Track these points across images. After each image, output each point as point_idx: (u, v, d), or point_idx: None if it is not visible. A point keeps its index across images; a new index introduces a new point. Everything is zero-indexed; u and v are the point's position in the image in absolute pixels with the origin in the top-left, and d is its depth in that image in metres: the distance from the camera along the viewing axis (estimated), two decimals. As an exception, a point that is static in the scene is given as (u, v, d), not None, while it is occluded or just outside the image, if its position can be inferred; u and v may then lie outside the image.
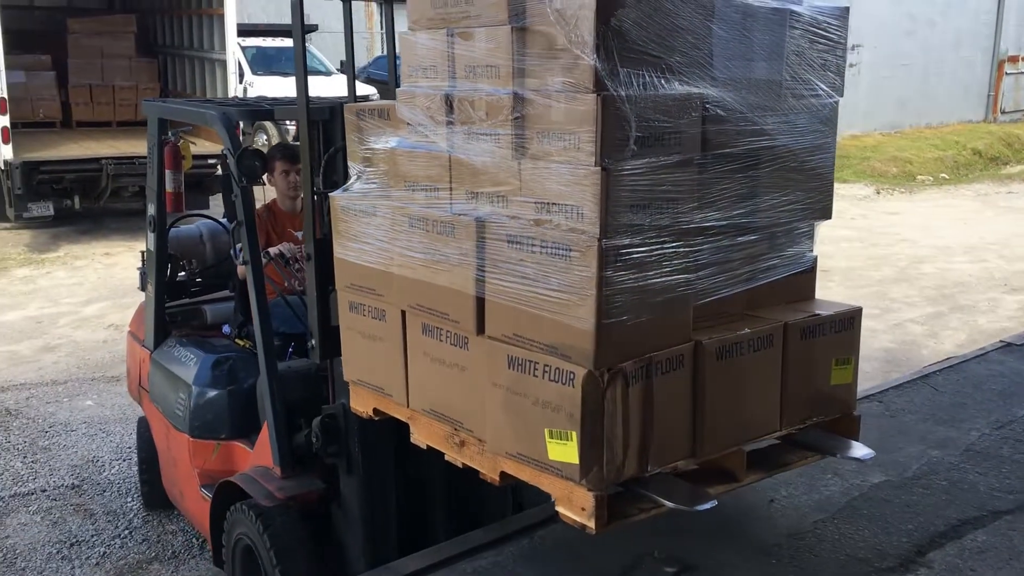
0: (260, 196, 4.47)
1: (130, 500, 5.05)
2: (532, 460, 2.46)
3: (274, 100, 4.38)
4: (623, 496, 2.47)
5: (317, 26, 14.39)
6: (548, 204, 2.37)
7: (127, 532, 4.75)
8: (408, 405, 2.90)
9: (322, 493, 3.58)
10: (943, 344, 7.57)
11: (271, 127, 14.83)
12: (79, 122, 12.69)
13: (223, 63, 11.49)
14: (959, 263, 10.25)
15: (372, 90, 11.61)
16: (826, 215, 2.92)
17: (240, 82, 12.58)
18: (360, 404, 3.15)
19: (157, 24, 13.65)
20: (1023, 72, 22.30)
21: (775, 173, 2.72)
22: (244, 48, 12.71)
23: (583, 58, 2.26)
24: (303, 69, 3.25)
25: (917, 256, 10.54)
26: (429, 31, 2.68)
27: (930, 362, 6.17)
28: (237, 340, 4.24)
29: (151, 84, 12.94)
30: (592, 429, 2.30)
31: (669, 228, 2.42)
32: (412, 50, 2.74)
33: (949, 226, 12.20)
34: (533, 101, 2.40)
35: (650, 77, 2.34)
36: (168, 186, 4.28)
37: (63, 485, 5.20)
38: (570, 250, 2.31)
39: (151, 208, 4.41)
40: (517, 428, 2.48)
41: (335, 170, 3.35)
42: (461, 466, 2.75)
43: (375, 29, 18.70)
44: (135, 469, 5.29)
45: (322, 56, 16.02)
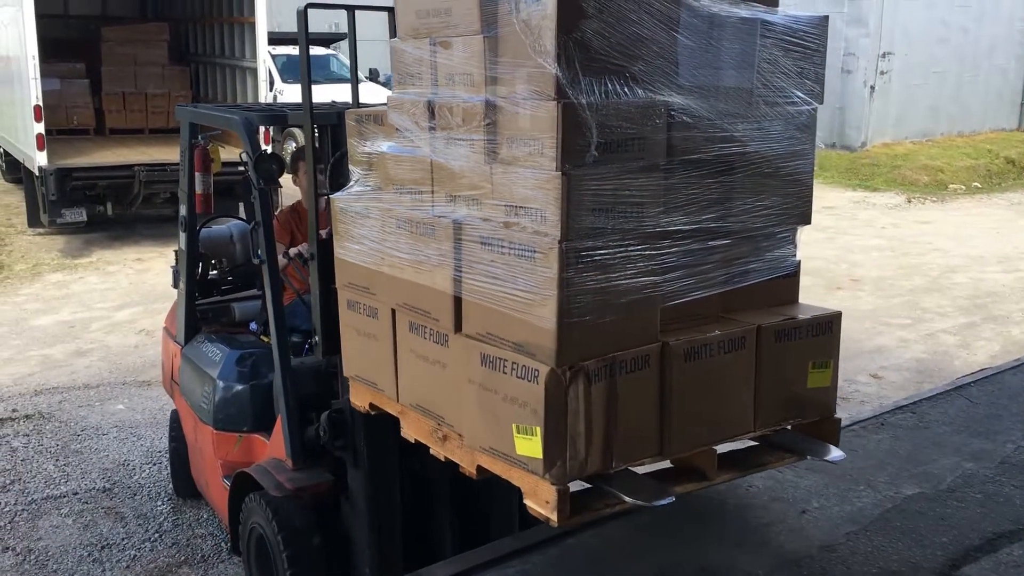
0: (295, 197, 4.53)
1: (160, 504, 5.09)
2: (503, 454, 2.53)
3: (296, 106, 4.48)
4: (588, 491, 2.53)
5: (345, 35, 14.49)
6: (516, 207, 2.47)
7: (157, 535, 4.79)
8: (398, 400, 3.00)
9: (331, 485, 3.69)
10: (976, 355, 7.47)
11: (299, 132, 14.94)
12: (112, 129, 12.86)
13: (254, 71, 11.59)
14: (992, 273, 10.12)
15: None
16: (805, 220, 2.94)
17: (270, 90, 12.69)
18: (358, 399, 3.25)
19: (189, 32, 13.81)
20: (1058, 80, 21.98)
21: (749, 179, 2.75)
22: (274, 56, 12.83)
23: (545, 67, 2.34)
24: (307, 76, 3.42)
25: (949, 265, 10.42)
26: (414, 40, 2.79)
27: (963, 373, 6.09)
28: (263, 337, 4.34)
29: (183, 91, 13.09)
30: (555, 425, 2.38)
31: (634, 232, 2.49)
32: (400, 58, 2.86)
33: (981, 235, 12.05)
34: (503, 108, 2.50)
35: (613, 85, 2.40)
36: (198, 188, 4.39)
37: (94, 488, 5.25)
38: (534, 252, 2.40)
39: (183, 209, 4.55)
40: (489, 423, 2.56)
41: (341, 173, 3.45)
42: (443, 460, 2.84)
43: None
44: (165, 473, 5.36)
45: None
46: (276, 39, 12.16)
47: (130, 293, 9.05)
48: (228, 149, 10.10)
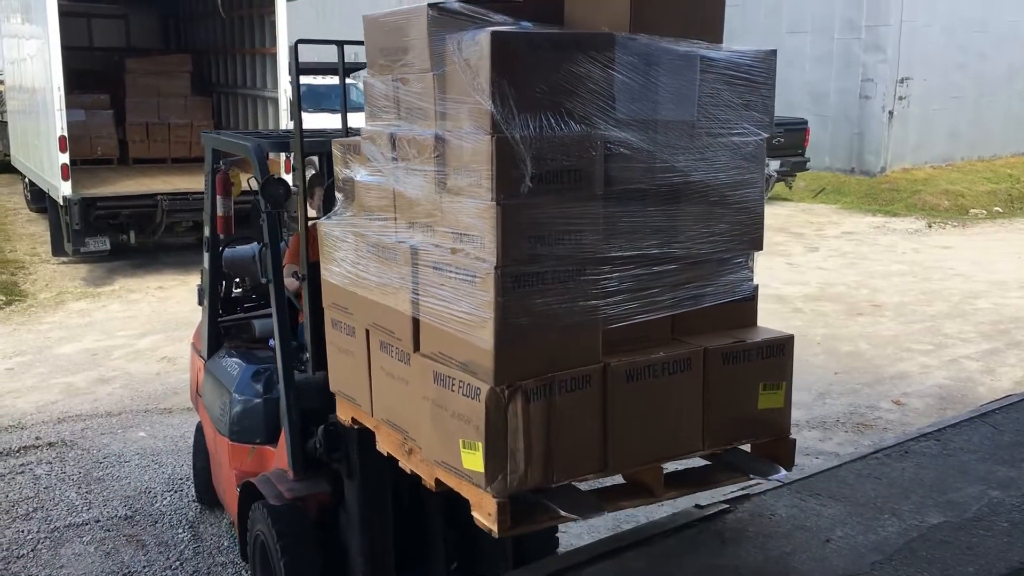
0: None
1: (181, 531, 5.10)
2: (453, 468, 2.67)
3: (312, 133, 4.64)
4: (530, 504, 2.65)
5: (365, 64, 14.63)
6: (461, 234, 2.63)
7: (178, 563, 4.80)
8: (372, 415, 3.17)
9: (328, 496, 3.83)
10: (1000, 381, 7.40)
11: (318, 160, 15.06)
12: (135, 159, 13.02)
13: (275, 100, 11.72)
14: (1015, 298, 10.03)
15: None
16: (756, 246, 3.02)
17: (290, 119, 12.82)
18: (343, 413, 3.43)
19: (212, 63, 13.99)
20: (1078, 104, 21.87)
21: (694, 207, 2.86)
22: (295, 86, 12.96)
23: (482, 103, 2.49)
24: (298, 108, 3.77)
25: (971, 291, 10.34)
26: (380, 76, 2.98)
27: (988, 399, 6.03)
28: None
29: (205, 121, 13.24)
30: (495, 441, 2.51)
31: (572, 258, 2.62)
32: (370, 92, 3.04)
33: (1004, 260, 11.96)
34: (450, 141, 2.65)
35: (547, 120, 2.53)
36: (219, 211, 4.59)
37: (116, 516, 5.27)
38: (475, 276, 2.56)
39: (206, 230, 4.80)
40: (442, 438, 2.71)
41: (332, 199, 3.69)
42: (409, 472, 2.99)
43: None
44: (187, 500, 5.38)
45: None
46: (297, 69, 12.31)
47: (152, 321, 9.12)
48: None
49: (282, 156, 9.06)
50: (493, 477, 2.52)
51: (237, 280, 5.17)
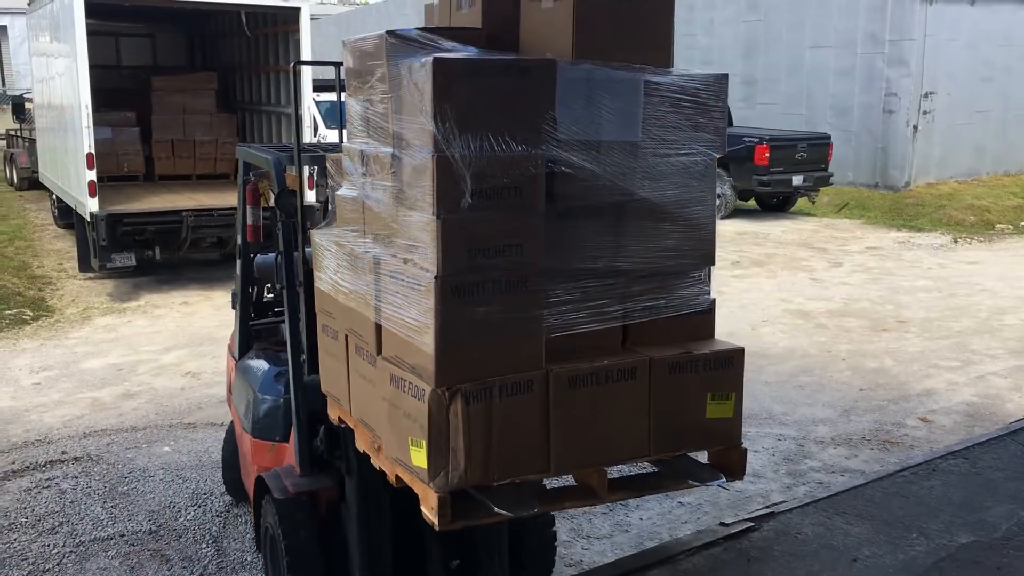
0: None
1: (204, 546, 5.12)
2: (406, 465, 2.84)
3: (330, 147, 4.77)
4: (472, 501, 2.79)
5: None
6: (412, 245, 2.81)
7: (202, 578, 4.81)
8: (351, 414, 3.34)
9: (331, 491, 3.95)
10: (1029, 398, 7.30)
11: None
12: (161, 176, 13.15)
13: (299, 117, 11.78)
14: (1044, 314, 9.91)
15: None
16: (708, 261, 3.14)
17: (314, 135, 12.92)
18: (331, 412, 3.61)
19: (237, 81, 14.14)
20: (1106, 117, 21.64)
21: (640, 224, 2.99)
22: (318, 103, 13.03)
23: (426, 124, 2.67)
24: (299, 125, 4.06)
25: (998, 307, 10.23)
26: (355, 97, 3.17)
27: (1016, 417, 5.95)
28: None
29: (230, 139, 13.37)
30: (437, 439, 2.68)
31: (514, 270, 2.76)
32: (349, 111, 3.23)
33: (1032, 276, 11.82)
34: (403, 159, 2.84)
35: (488, 140, 2.68)
36: (249, 219, 4.81)
37: (141, 530, 5.30)
38: (421, 285, 2.74)
39: (238, 238, 5.04)
40: (397, 436, 2.88)
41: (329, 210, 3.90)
42: (379, 469, 3.12)
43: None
44: (210, 515, 5.40)
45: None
46: (320, 86, 12.40)
47: (177, 336, 9.19)
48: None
49: (305, 170, 9.11)
50: (435, 473, 2.69)
51: (268, 285, 5.38)
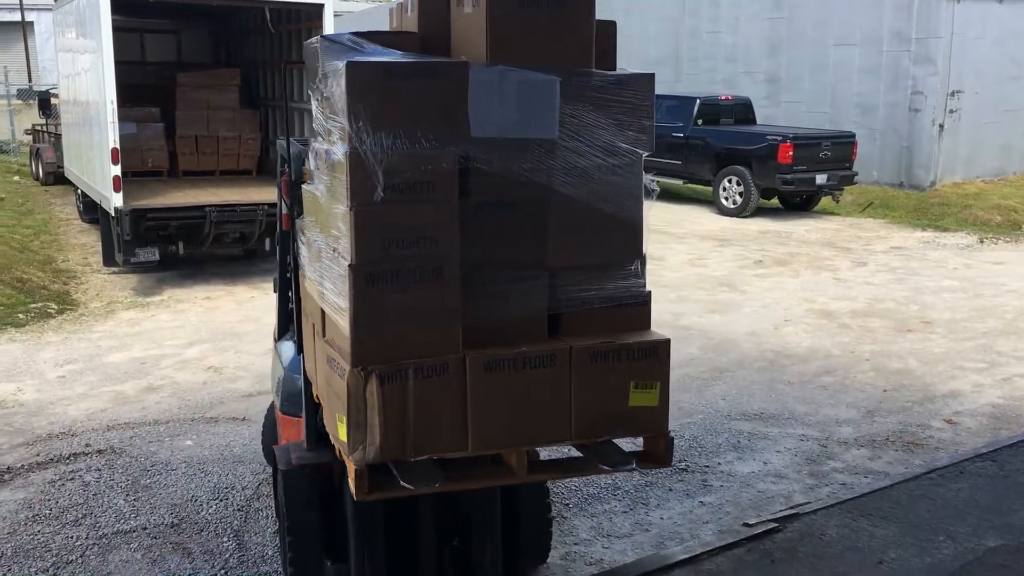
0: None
1: (226, 540, 5.14)
2: (337, 440, 3.06)
3: None
4: (389, 475, 2.96)
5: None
6: (338, 236, 3.03)
7: (223, 572, 4.83)
8: (320, 393, 3.52)
9: (332, 465, 4.03)
10: (1057, 401, 7.20)
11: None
12: (185, 171, 13.21)
13: (322, 114, 11.81)
14: (1072, 316, 9.78)
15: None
16: (636, 255, 3.25)
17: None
18: (315, 391, 3.76)
19: (260, 77, 14.19)
20: None
21: (563, 219, 3.12)
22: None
23: (343, 124, 2.88)
24: (287, 121, 4.40)
25: (1026, 308, 10.11)
26: (317, 102, 3.33)
27: (1044, 420, 5.88)
28: None
29: (253, 135, 13.42)
30: (356, 416, 2.90)
31: (429, 260, 2.93)
32: (314, 115, 3.39)
33: (1059, 277, 11.67)
34: (331, 154, 3.06)
35: (400, 138, 2.86)
36: (284, 209, 4.90)
37: (163, 523, 5.33)
38: (342, 273, 2.95)
39: (279, 226, 5.24)
40: (331, 413, 3.10)
41: None
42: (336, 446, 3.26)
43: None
44: (232, 509, 5.43)
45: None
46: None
47: (199, 331, 9.24)
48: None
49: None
50: (354, 447, 2.91)
51: None
